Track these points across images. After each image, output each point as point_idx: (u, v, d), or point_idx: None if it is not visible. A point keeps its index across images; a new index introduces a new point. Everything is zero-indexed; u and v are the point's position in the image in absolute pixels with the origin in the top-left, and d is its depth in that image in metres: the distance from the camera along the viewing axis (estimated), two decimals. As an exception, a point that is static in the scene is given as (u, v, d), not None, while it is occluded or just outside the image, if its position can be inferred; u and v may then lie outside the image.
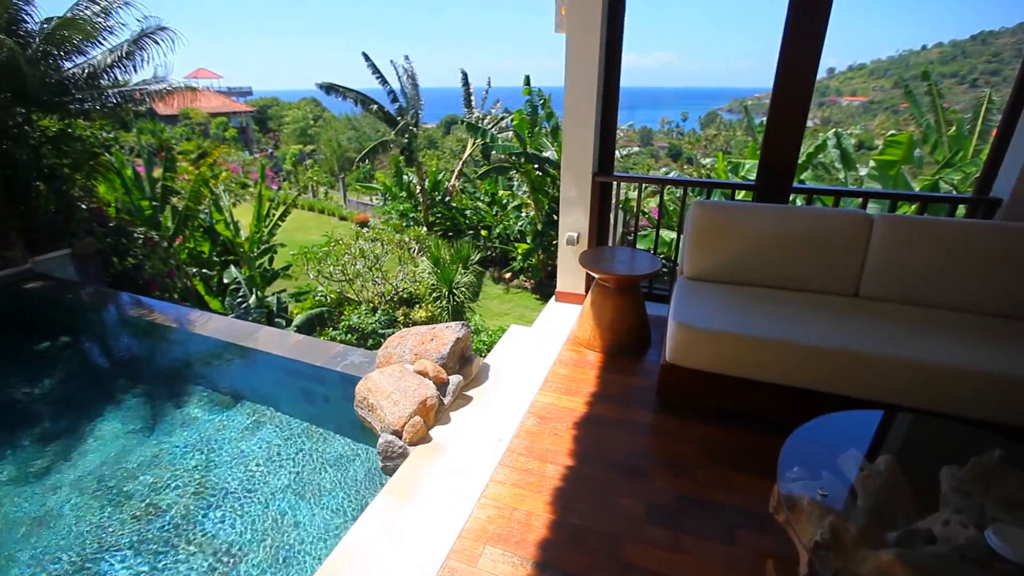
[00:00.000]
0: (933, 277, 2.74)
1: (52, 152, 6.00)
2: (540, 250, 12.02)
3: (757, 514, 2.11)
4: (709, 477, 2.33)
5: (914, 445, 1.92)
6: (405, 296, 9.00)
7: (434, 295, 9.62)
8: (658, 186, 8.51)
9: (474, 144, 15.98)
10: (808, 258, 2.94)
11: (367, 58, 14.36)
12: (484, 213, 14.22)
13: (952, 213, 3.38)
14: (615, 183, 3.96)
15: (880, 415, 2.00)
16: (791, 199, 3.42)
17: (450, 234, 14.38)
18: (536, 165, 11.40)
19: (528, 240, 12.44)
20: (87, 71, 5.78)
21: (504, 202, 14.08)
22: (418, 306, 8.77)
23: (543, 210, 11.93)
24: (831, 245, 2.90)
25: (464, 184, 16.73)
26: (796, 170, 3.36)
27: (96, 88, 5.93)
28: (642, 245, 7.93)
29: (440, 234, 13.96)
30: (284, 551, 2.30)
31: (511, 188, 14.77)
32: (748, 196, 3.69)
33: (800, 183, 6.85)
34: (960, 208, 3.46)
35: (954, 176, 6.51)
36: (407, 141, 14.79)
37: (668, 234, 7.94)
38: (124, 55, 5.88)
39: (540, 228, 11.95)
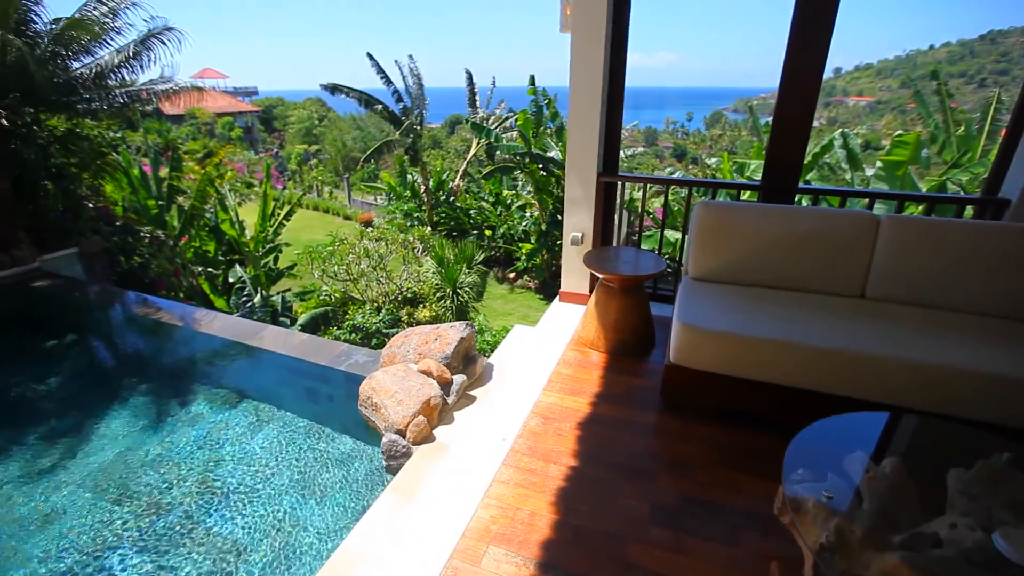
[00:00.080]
0: (940, 278, 2.72)
1: (60, 151, 6.05)
2: (544, 250, 12.01)
3: (761, 516, 2.10)
4: (713, 478, 2.33)
5: (920, 447, 1.91)
6: (409, 296, 9.01)
7: (438, 295, 9.63)
8: (663, 186, 8.50)
9: (478, 144, 16.00)
10: (814, 259, 2.92)
11: (372, 58, 14.39)
12: (488, 213, 14.23)
13: (960, 214, 3.36)
14: (620, 183, 3.95)
15: (886, 417, 1.99)
16: (797, 200, 3.40)
17: (454, 234, 14.39)
18: (540, 165, 11.39)
19: (532, 240, 12.43)
20: (95, 71, 5.81)
21: (508, 202, 14.07)
22: (422, 306, 8.77)
23: (547, 210, 11.92)
24: (837, 246, 2.89)
25: (468, 184, 16.73)
26: (802, 170, 3.34)
27: (103, 88, 5.97)
28: (646, 245, 7.91)
29: (444, 234, 13.98)
30: (288, 549, 2.31)
31: (515, 188, 14.76)
32: (753, 196, 3.68)
33: (806, 183, 6.82)
34: (968, 209, 3.44)
35: (962, 177, 6.46)
36: (411, 141, 14.81)
37: (672, 234, 7.92)
38: (131, 55, 5.91)
39: (544, 228, 11.94)
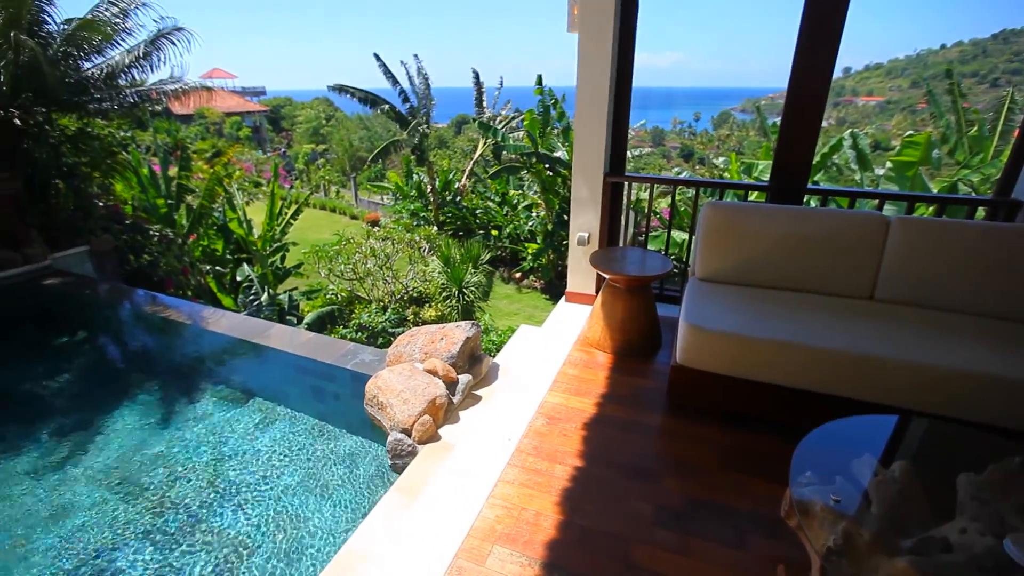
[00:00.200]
0: (951, 280, 2.69)
1: (71, 151, 6.12)
2: (550, 250, 11.99)
3: (768, 519, 2.09)
4: (719, 480, 2.32)
5: (930, 451, 1.89)
6: (415, 295, 9.03)
7: (444, 294, 9.64)
8: (670, 187, 8.46)
9: (485, 144, 16.00)
10: (822, 260, 2.90)
11: (378, 59, 14.44)
12: (495, 213, 14.23)
13: (971, 215, 3.32)
14: (626, 183, 3.94)
15: (895, 420, 1.97)
16: (805, 200, 3.38)
17: (460, 234, 14.41)
18: (547, 165, 11.38)
19: (538, 240, 12.42)
20: (105, 71, 5.88)
21: (515, 202, 14.07)
22: (428, 305, 8.78)
23: (554, 210, 11.90)
24: (846, 247, 2.86)
25: (475, 184, 16.75)
26: (811, 171, 3.31)
27: (114, 88, 6.04)
28: (653, 246, 7.88)
29: (450, 233, 14.00)
30: (294, 546, 2.32)
31: (522, 188, 14.76)
32: (761, 197, 3.66)
33: (814, 184, 6.76)
34: (979, 210, 3.39)
35: (973, 177, 6.39)
36: (418, 141, 14.85)
37: (680, 235, 7.88)
38: (141, 55, 5.98)
39: (550, 228, 11.93)
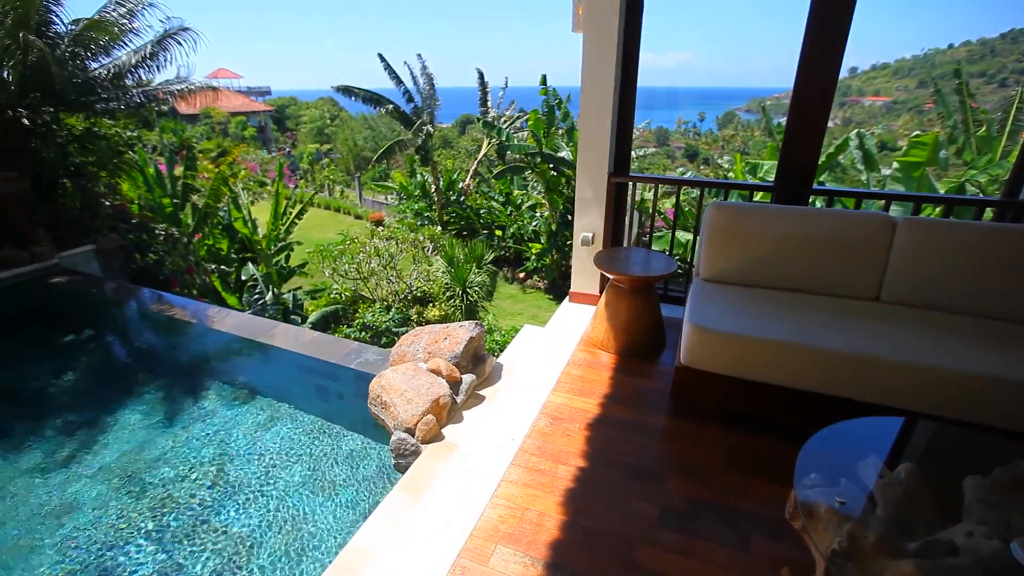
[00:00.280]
0: (958, 282, 2.67)
1: (78, 150, 6.17)
2: (554, 250, 11.99)
3: (772, 520, 2.08)
4: (723, 482, 2.31)
5: (936, 453, 1.87)
6: (419, 295, 9.05)
7: (448, 294, 9.66)
8: (674, 187, 8.44)
9: (489, 144, 16.02)
10: (828, 261, 2.89)
11: (383, 59, 14.47)
12: (498, 213, 14.24)
13: (979, 216, 3.29)
14: (631, 183, 3.93)
15: (901, 422, 1.96)
16: (811, 201, 3.36)
17: (464, 233, 14.43)
18: (551, 165, 11.38)
19: (542, 240, 12.42)
20: (112, 71, 5.92)
21: (519, 202, 14.08)
22: (432, 305, 8.80)
23: (557, 210, 11.90)
24: (852, 248, 2.85)
25: (479, 184, 16.76)
26: (816, 171, 3.30)
27: (121, 88, 6.08)
28: (657, 246, 7.87)
29: (454, 233, 14.02)
30: (297, 545, 2.33)
31: (526, 188, 14.76)
32: (766, 198, 3.64)
33: (820, 184, 6.72)
34: (987, 211, 3.37)
35: (981, 178, 6.34)
36: (422, 141, 14.87)
37: (684, 235, 7.86)
38: (148, 55, 6.01)
39: (554, 228, 11.93)
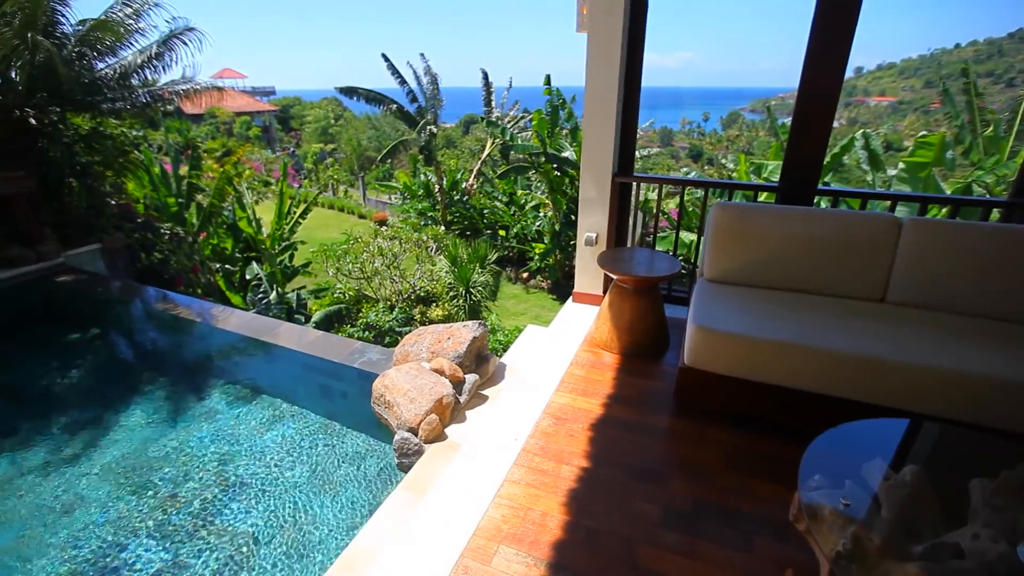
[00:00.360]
0: (964, 283, 2.66)
1: (84, 150, 6.20)
2: (558, 250, 11.98)
3: (776, 522, 2.07)
4: (727, 483, 2.30)
5: (942, 456, 1.86)
6: (422, 294, 9.05)
7: (451, 294, 9.66)
8: (678, 187, 8.42)
9: (493, 144, 16.01)
10: (833, 262, 2.87)
11: (386, 59, 14.49)
12: (502, 213, 14.23)
13: (986, 217, 3.27)
14: (635, 184, 3.92)
15: (906, 424, 1.95)
16: (816, 201, 3.34)
17: (468, 233, 14.42)
18: (555, 165, 11.37)
19: (546, 240, 12.41)
20: (118, 71, 5.95)
21: (522, 202, 14.06)
22: (435, 304, 8.81)
23: (561, 210, 11.89)
24: (857, 249, 2.83)
25: (482, 184, 16.77)
26: (822, 172, 3.28)
27: (127, 88, 6.11)
28: (661, 247, 7.86)
29: (458, 233, 14.01)
30: (300, 544, 2.33)
31: (529, 188, 14.75)
32: (771, 198, 3.63)
33: (824, 185, 6.70)
34: (994, 212, 3.34)
35: (988, 179, 6.30)
36: (426, 140, 14.88)
37: (688, 236, 7.84)
38: (154, 55, 6.04)
39: (558, 228, 11.91)
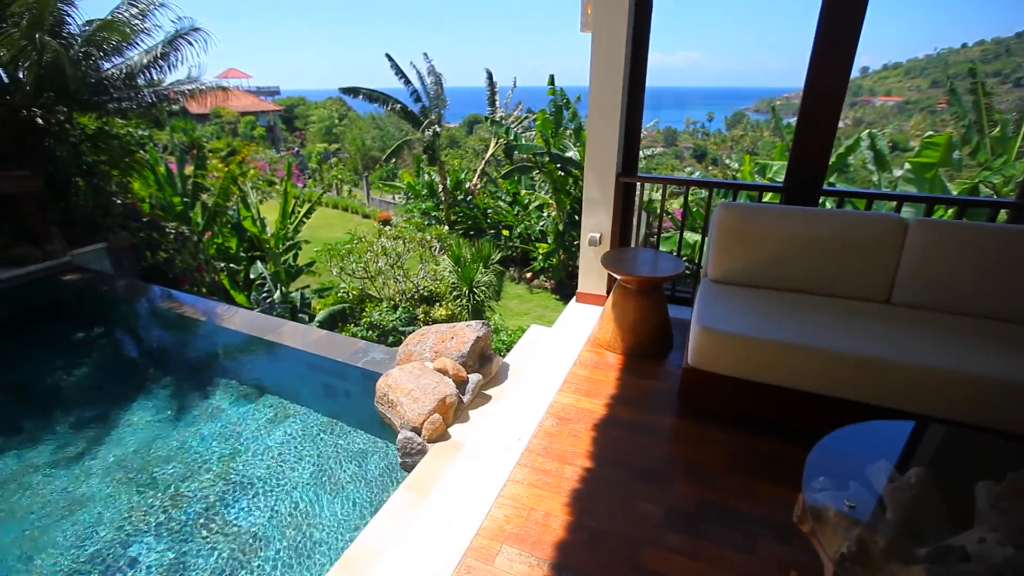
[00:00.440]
0: (971, 285, 2.64)
1: (90, 149, 6.24)
2: (561, 250, 11.97)
3: (780, 524, 2.07)
4: (730, 484, 2.29)
5: (948, 458, 1.85)
6: (426, 294, 9.06)
7: (454, 294, 9.67)
8: (682, 187, 8.40)
9: (497, 144, 16.02)
10: (838, 262, 2.86)
11: (390, 59, 14.52)
12: (505, 213, 14.23)
13: (993, 218, 3.24)
14: (639, 184, 3.91)
15: (911, 426, 1.94)
16: (821, 202, 3.33)
17: (471, 233, 14.43)
18: (559, 165, 11.36)
19: (549, 240, 12.40)
20: (125, 71, 5.99)
21: (526, 202, 14.06)
22: (438, 304, 8.81)
23: (565, 210, 11.88)
24: (863, 249, 2.82)
25: (486, 183, 16.77)
26: (827, 172, 3.27)
27: (133, 87, 6.15)
28: (665, 247, 7.83)
29: (461, 233, 14.02)
30: (304, 542, 2.34)
31: (533, 188, 14.74)
32: (776, 198, 3.62)
33: (830, 185, 6.67)
34: (1001, 213, 3.32)
35: (995, 179, 6.25)
36: (429, 140, 14.90)
37: (692, 236, 7.82)
38: (159, 56, 6.08)
39: (561, 228, 11.90)
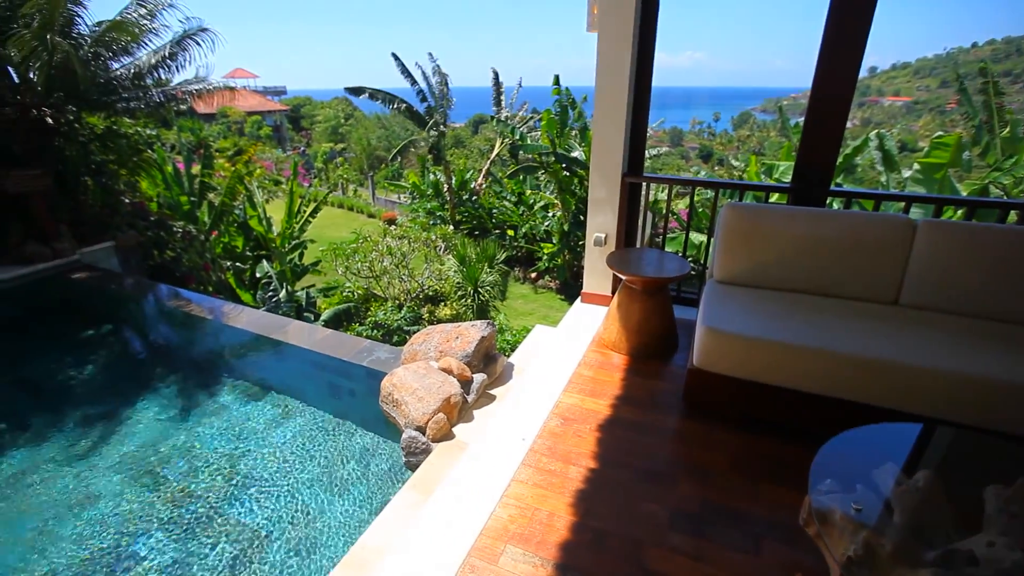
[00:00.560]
0: (980, 286, 2.62)
1: (99, 149, 6.30)
2: (566, 250, 11.97)
3: (785, 526, 2.05)
4: (735, 485, 2.28)
5: (956, 461, 1.83)
6: (430, 294, 9.08)
7: (459, 293, 9.68)
8: (688, 187, 8.37)
9: (502, 143, 16.03)
10: (845, 263, 2.84)
11: (396, 58, 14.55)
12: (511, 212, 14.24)
13: (1003, 219, 3.21)
14: (644, 184, 3.90)
15: (919, 428, 1.92)
16: (828, 203, 3.31)
17: (476, 233, 14.45)
18: (564, 165, 11.36)
19: (554, 240, 12.40)
20: (133, 71, 6.03)
21: (531, 202, 14.06)
22: (443, 304, 8.83)
23: (570, 210, 11.87)
24: (870, 250, 2.80)
25: (491, 183, 16.78)
26: (834, 172, 3.25)
27: (141, 87, 6.19)
28: (671, 247, 7.81)
29: (466, 233, 14.04)
30: (308, 541, 2.35)
31: (538, 188, 14.74)
32: (782, 199, 3.60)
33: (837, 186, 6.62)
34: (1011, 214, 3.29)
35: (1005, 180, 6.19)
36: (435, 140, 14.93)
37: (698, 236, 7.79)
38: (167, 56, 6.12)
39: (567, 228, 11.90)
